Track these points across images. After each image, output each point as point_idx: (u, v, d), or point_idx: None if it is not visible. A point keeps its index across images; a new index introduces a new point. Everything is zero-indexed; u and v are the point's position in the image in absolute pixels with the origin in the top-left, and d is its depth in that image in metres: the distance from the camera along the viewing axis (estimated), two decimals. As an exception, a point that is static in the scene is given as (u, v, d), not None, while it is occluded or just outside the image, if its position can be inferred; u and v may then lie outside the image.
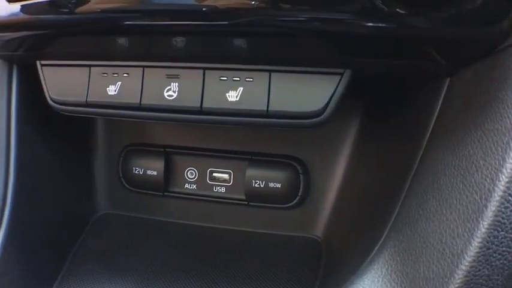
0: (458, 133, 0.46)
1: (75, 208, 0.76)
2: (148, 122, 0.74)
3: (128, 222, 0.79)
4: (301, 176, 0.71)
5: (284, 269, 0.68)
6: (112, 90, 0.55)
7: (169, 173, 0.75)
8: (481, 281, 0.41)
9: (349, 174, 0.70)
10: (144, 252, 0.73)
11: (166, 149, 0.75)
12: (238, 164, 0.73)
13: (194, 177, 0.75)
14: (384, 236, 0.50)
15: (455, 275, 0.40)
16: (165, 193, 0.76)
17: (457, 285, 0.40)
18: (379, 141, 0.65)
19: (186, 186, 0.75)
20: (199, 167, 0.75)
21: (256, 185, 0.70)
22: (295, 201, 0.72)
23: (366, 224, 0.57)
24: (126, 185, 0.77)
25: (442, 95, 0.51)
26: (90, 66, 0.56)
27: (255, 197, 0.72)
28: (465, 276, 0.40)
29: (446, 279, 0.41)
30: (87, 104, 0.56)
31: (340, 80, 0.50)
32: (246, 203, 0.73)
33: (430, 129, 0.52)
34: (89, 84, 0.55)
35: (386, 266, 0.47)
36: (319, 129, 0.67)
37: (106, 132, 0.78)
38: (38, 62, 0.59)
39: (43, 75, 0.58)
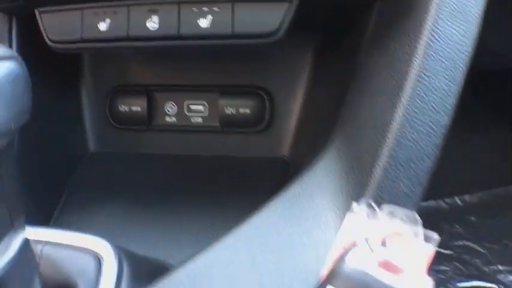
0: (385, 39, 0.58)
1: (67, 147, 0.85)
2: (131, 63, 0.85)
3: (118, 158, 0.87)
4: (267, 103, 0.82)
5: (256, 185, 0.79)
6: (103, 26, 0.65)
7: (152, 108, 0.84)
8: (410, 144, 0.52)
9: (308, 98, 0.81)
10: (134, 181, 0.84)
11: (148, 87, 0.85)
12: (211, 95, 0.83)
13: (173, 111, 0.85)
14: (334, 132, 0.62)
15: (387, 139, 0.52)
16: (149, 126, 0.85)
17: (389, 148, 0.52)
18: (332, 65, 0.77)
19: (166, 119, 0.85)
20: (178, 101, 0.84)
21: (228, 112, 0.81)
22: (263, 125, 0.82)
23: (323, 135, 0.68)
24: (114, 123, 0.86)
25: (374, 16, 0.63)
26: (82, 9, 0.66)
27: (228, 123, 0.82)
28: (395, 139, 0.52)
29: (380, 144, 0.53)
30: (82, 40, 0.66)
31: (290, 4, 0.62)
32: (221, 129, 0.83)
33: (365, 44, 0.64)
34: (82, 23, 0.66)
35: (336, 151, 0.59)
36: (279, 60, 0.80)
37: (93, 76, 0.87)
38: (36, 10, 0.69)
39: (41, 20, 0.68)
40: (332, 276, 0.41)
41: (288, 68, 0.81)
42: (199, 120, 0.84)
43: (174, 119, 0.85)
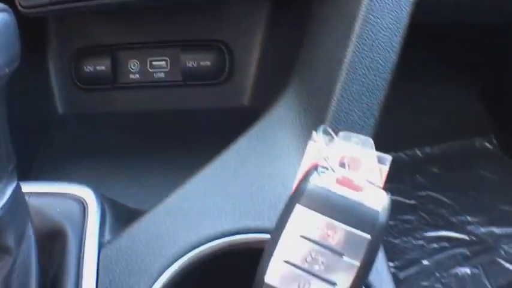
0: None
1: (36, 112, 0.88)
2: (94, 25, 0.88)
3: (86, 118, 0.90)
4: (226, 55, 0.86)
5: (221, 133, 0.83)
6: (69, -13, 0.68)
7: (116, 67, 0.87)
8: (361, 79, 0.58)
9: (266, 48, 0.85)
10: (105, 138, 0.87)
11: (111, 47, 0.88)
12: (173, 51, 0.86)
13: (137, 68, 0.88)
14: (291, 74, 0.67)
15: (340, 76, 0.58)
16: (114, 85, 0.88)
17: (342, 83, 0.57)
18: (288, 17, 0.81)
19: (131, 76, 0.88)
20: (140, 58, 0.87)
21: (189, 65, 0.85)
22: (223, 76, 0.86)
23: (281, 81, 0.72)
24: (80, 85, 0.89)
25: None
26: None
27: (190, 76, 0.86)
28: (347, 75, 0.57)
29: (334, 80, 0.58)
30: (51, 3, 0.69)
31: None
32: (183, 83, 0.87)
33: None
34: (49, -13, 0.68)
35: (294, 91, 0.64)
36: (237, 14, 0.84)
37: (58, 41, 0.89)
38: None
39: None
40: (297, 195, 0.46)
41: (246, 22, 0.86)
42: (162, 75, 0.88)
43: (137, 75, 0.88)
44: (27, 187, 0.56)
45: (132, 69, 0.88)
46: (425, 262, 1.17)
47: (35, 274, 0.49)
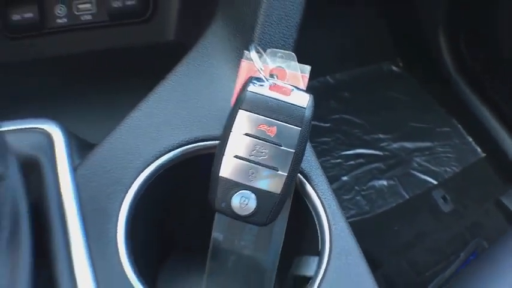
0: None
1: None
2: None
3: (14, 67, 0.94)
4: None
5: (152, 67, 0.84)
6: None
7: (43, 13, 0.90)
8: (279, 5, 0.68)
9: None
10: (42, 84, 0.94)
11: None
12: (98, -7, 0.91)
13: (63, 12, 0.92)
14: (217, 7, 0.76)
15: (262, 4, 0.67)
16: (42, 31, 0.91)
17: (265, 9, 0.66)
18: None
19: (58, 21, 0.91)
20: (66, 2, 0.91)
21: (115, 6, 0.90)
22: (149, 13, 0.93)
23: (207, 14, 0.79)
24: (8, 34, 0.90)
25: None
26: None
27: (117, 16, 0.91)
28: (267, 1, 0.67)
29: (257, 8, 0.67)
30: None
31: None
32: (110, 23, 0.91)
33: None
34: None
35: (221, 21, 0.74)
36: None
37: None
38: None
39: None
40: (239, 101, 0.57)
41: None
42: (89, 17, 0.92)
43: (65, 19, 0.91)
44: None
45: (59, 13, 0.91)
46: (344, 178, 1.28)
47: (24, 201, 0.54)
